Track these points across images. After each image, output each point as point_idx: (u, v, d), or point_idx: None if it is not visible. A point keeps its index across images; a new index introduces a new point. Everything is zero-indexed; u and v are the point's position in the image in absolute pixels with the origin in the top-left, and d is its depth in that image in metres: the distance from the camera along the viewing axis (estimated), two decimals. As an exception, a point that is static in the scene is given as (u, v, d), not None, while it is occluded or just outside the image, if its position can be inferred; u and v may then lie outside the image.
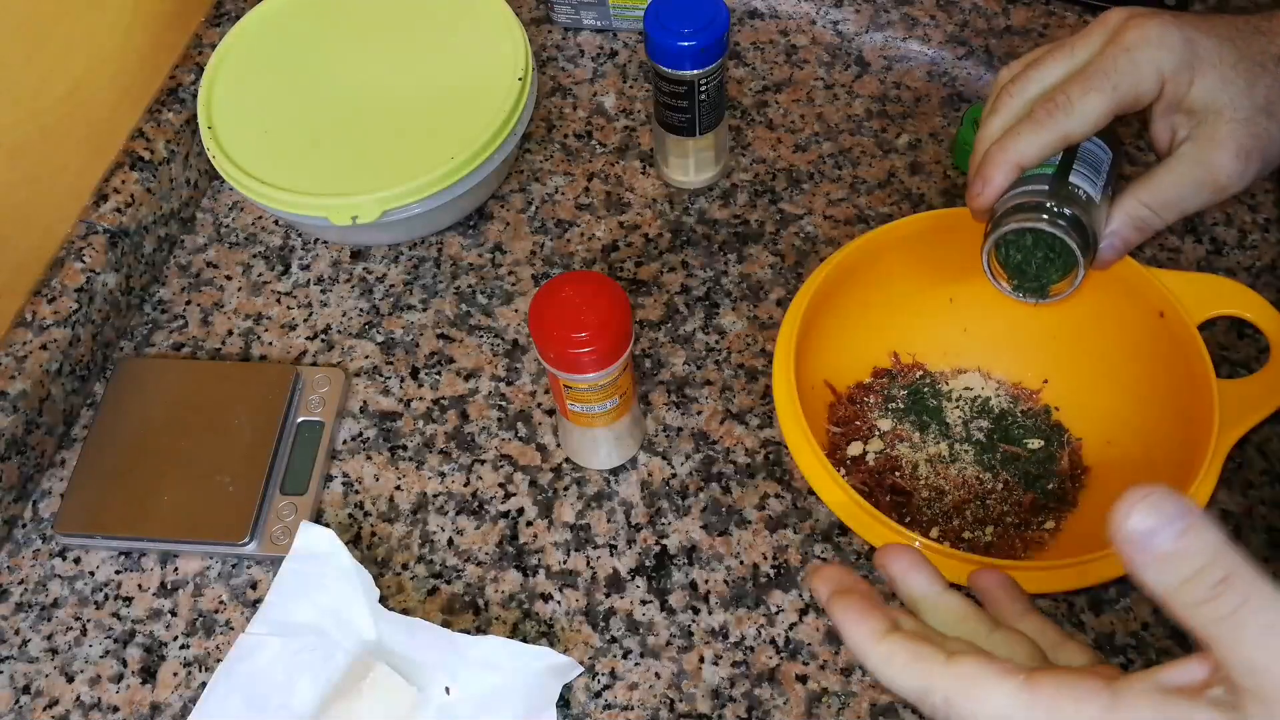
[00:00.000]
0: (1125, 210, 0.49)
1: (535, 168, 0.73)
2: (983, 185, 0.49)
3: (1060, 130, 0.47)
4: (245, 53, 0.70)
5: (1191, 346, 0.52)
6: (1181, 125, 0.48)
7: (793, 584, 0.56)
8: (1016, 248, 0.51)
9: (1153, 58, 0.46)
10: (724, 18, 0.60)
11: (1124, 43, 0.46)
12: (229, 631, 0.57)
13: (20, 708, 0.55)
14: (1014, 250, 0.51)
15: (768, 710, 0.53)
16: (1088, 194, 0.49)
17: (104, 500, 0.59)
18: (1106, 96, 0.46)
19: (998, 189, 0.49)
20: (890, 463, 0.59)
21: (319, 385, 0.63)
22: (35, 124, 0.63)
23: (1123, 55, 0.46)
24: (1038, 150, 0.48)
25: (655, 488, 0.60)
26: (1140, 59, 0.46)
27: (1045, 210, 0.48)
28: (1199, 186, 0.48)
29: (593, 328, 0.50)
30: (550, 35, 0.79)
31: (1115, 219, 0.50)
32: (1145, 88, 0.47)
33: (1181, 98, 0.47)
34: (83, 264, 0.64)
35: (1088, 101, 0.47)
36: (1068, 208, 0.48)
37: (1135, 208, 0.49)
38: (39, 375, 0.61)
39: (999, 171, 0.49)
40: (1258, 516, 0.57)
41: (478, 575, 0.58)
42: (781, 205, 0.70)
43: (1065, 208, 0.48)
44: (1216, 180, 0.48)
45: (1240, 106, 0.47)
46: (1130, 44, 0.46)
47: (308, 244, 0.71)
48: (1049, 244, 0.50)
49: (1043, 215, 0.48)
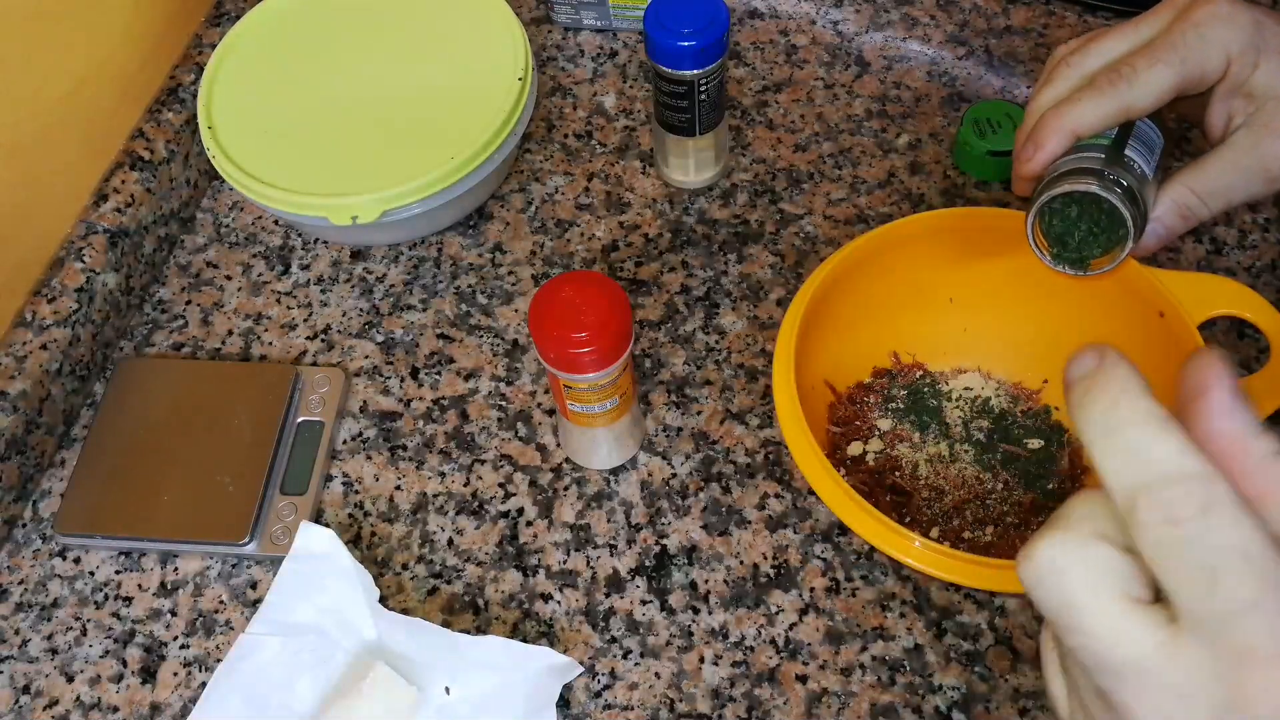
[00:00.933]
0: (1172, 196, 0.48)
1: (535, 168, 0.73)
2: (1035, 149, 0.48)
3: (1123, 101, 0.46)
4: (245, 53, 0.70)
5: (1191, 346, 0.52)
6: (1239, 110, 0.47)
7: (793, 584, 0.56)
8: (1061, 217, 0.50)
9: (1221, 36, 0.45)
10: (724, 18, 0.60)
11: (1194, 18, 0.46)
12: (229, 631, 0.57)
13: (20, 708, 0.55)
14: (1058, 220, 0.50)
15: (768, 710, 0.53)
16: (1143, 169, 0.47)
17: (104, 500, 0.59)
18: (1174, 70, 0.45)
19: (1051, 154, 0.48)
20: (890, 463, 0.59)
21: (319, 385, 0.63)
22: (35, 124, 0.63)
23: (1191, 30, 0.45)
24: (1098, 118, 0.46)
25: (655, 488, 0.60)
26: (1209, 36, 0.45)
27: (1102, 177, 0.46)
28: (1250, 175, 0.47)
29: (593, 328, 0.50)
30: (550, 35, 0.79)
31: (1161, 204, 0.48)
32: (1212, 65, 0.46)
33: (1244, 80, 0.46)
34: (83, 264, 0.64)
35: (1154, 74, 0.45)
36: (1124, 178, 0.46)
37: (1183, 194, 0.48)
38: (39, 375, 0.61)
39: (1054, 136, 0.47)
40: (1258, 516, 0.57)
41: (478, 575, 0.58)
42: (781, 205, 0.70)
43: (1122, 178, 0.46)
44: (1268, 169, 0.47)
45: None
46: (1199, 20, 0.45)
47: (308, 244, 0.71)
48: (1094, 217, 0.48)
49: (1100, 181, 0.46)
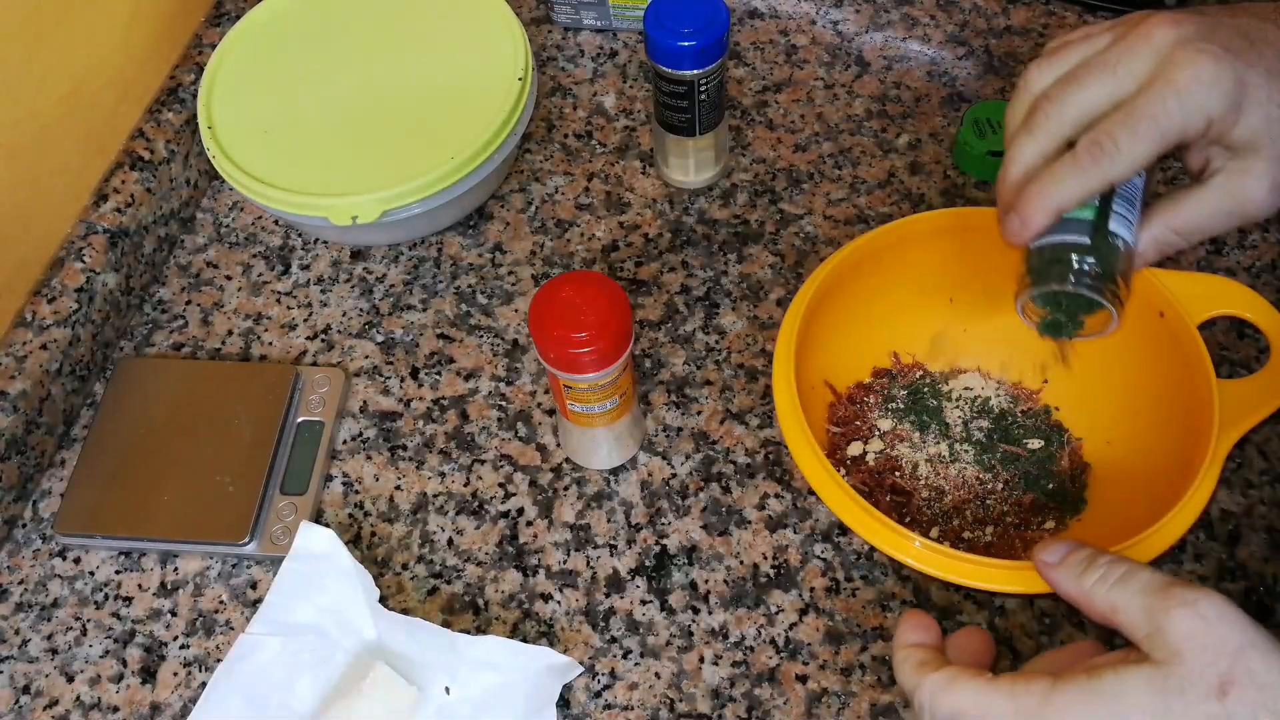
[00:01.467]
0: (1153, 235, 0.48)
1: (535, 168, 0.73)
2: (1020, 225, 0.47)
3: (1104, 177, 0.45)
4: (245, 53, 0.70)
5: (1191, 346, 0.52)
6: (1217, 157, 0.47)
7: (793, 584, 0.56)
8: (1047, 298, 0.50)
9: (1203, 102, 0.44)
10: (724, 18, 0.60)
11: (1176, 83, 0.44)
12: (229, 631, 0.57)
13: (20, 708, 0.55)
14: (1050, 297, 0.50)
15: (768, 710, 0.53)
16: (1126, 242, 0.48)
17: (104, 500, 0.59)
18: (1154, 144, 0.45)
19: (1036, 231, 0.47)
20: (890, 463, 0.59)
21: (319, 385, 0.63)
22: (35, 124, 0.63)
23: (1173, 100, 0.44)
24: (1081, 195, 0.46)
25: (655, 488, 0.60)
26: (1191, 104, 0.44)
27: (1085, 274, 0.47)
28: (1228, 217, 0.47)
29: (593, 328, 0.50)
30: (550, 35, 0.79)
31: (1141, 241, 0.49)
32: (1192, 131, 0.45)
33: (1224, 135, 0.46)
34: (83, 264, 0.64)
35: (1135, 148, 0.45)
36: (1105, 263, 0.47)
37: (1163, 233, 0.48)
38: (39, 375, 0.61)
39: (1038, 215, 0.47)
40: (1258, 516, 0.57)
41: (478, 575, 0.58)
42: (781, 205, 0.70)
43: (1103, 264, 0.47)
44: (1246, 211, 0.47)
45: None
46: (1181, 86, 0.44)
47: (308, 244, 0.71)
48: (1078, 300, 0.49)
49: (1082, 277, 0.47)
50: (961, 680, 0.41)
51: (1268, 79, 0.45)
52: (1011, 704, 0.39)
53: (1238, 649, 0.37)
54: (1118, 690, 0.38)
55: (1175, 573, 0.55)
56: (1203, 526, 0.56)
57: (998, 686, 0.40)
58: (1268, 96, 0.45)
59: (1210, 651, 0.37)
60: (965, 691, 0.41)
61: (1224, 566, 0.55)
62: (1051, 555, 0.44)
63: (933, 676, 0.42)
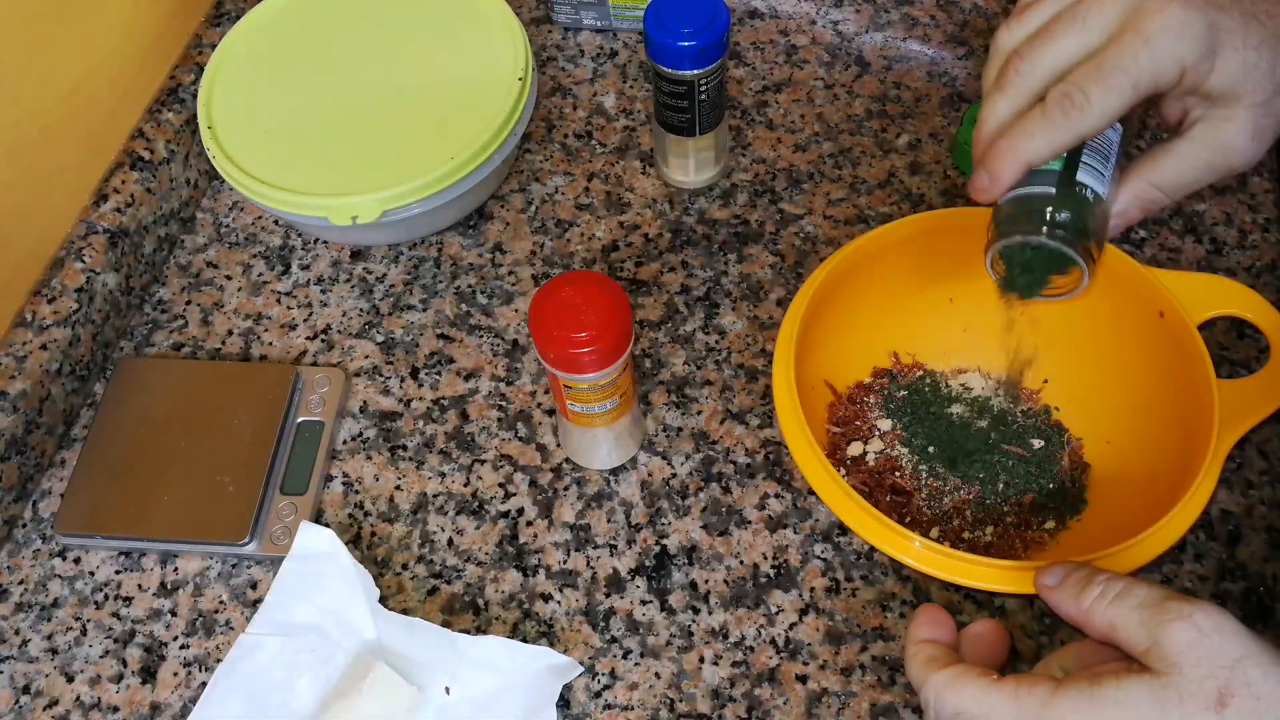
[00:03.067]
0: (1134, 191, 0.48)
1: (535, 168, 0.73)
2: (989, 181, 0.47)
3: (1075, 130, 0.45)
4: (245, 53, 0.70)
5: (1191, 346, 0.52)
6: (1195, 106, 0.46)
7: (793, 584, 0.56)
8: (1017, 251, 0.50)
9: (1174, 50, 0.43)
10: (724, 18, 0.60)
11: (1145, 31, 0.43)
12: (229, 631, 0.57)
13: (20, 708, 0.55)
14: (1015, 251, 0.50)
15: (768, 710, 0.53)
16: (1095, 193, 0.47)
17: (104, 500, 0.59)
18: (1125, 95, 0.44)
19: (1004, 186, 0.47)
20: (890, 463, 0.59)
21: (319, 385, 0.63)
22: (35, 124, 0.63)
23: (1143, 49, 0.43)
24: (1050, 149, 0.45)
25: (655, 488, 0.60)
26: (1161, 51, 0.43)
27: (1049, 223, 0.46)
28: (1210, 168, 0.46)
29: (593, 328, 0.50)
30: (550, 35, 0.79)
31: (1123, 199, 0.48)
32: (1165, 80, 0.44)
33: (1199, 84, 0.45)
34: (83, 264, 0.64)
35: (1106, 100, 0.44)
36: (1072, 214, 0.46)
37: (1144, 189, 0.47)
38: (39, 375, 0.61)
39: (1007, 169, 0.46)
40: (1258, 516, 0.57)
41: (478, 575, 0.58)
42: (781, 205, 0.70)
43: (1070, 214, 0.46)
44: (1229, 162, 0.46)
45: (1260, 89, 0.45)
46: (1151, 34, 0.43)
47: (308, 244, 0.71)
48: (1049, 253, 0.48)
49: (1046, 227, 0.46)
50: (966, 680, 0.42)
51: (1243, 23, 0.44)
52: (1013, 706, 0.40)
53: (1235, 660, 0.37)
54: (1118, 698, 0.38)
55: (1176, 573, 0.55)
56: (1203, 526, 0.56)
57: (1001, 688, 0.40)
58: (1243, 42, 0.44)
59: (1208, 663, 0.37)
60: (968, 691, 0.41)
61: (1224, 566, 0.55)
62: (1051, 578, 0.44)
63: (939, 674, 0.42)
